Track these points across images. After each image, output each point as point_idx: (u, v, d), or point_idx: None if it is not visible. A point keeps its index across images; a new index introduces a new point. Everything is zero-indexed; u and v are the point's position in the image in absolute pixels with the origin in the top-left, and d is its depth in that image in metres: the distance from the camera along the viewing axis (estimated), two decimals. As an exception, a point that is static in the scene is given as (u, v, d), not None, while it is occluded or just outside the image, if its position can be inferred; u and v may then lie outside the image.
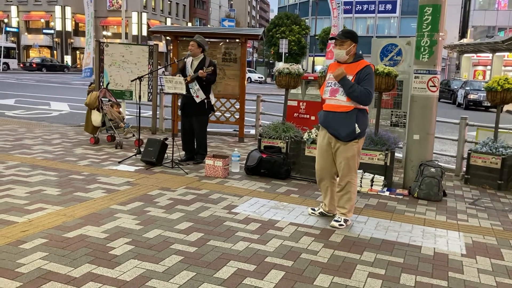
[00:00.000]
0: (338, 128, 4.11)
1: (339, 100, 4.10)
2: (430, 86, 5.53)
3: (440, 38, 5.49)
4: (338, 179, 4.29)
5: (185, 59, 6.49)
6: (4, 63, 39.40)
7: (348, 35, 4.15)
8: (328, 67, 4.58)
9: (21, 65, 43.43)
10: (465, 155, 6.47)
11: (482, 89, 7.10)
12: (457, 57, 44.67)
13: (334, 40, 4.22)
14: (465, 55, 39.18)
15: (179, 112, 6.93)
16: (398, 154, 7.25)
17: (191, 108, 6.43)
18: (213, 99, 6.67)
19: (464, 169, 6.46)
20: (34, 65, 41.56)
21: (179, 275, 3.05)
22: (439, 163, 5.69)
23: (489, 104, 19.57)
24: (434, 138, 5.83)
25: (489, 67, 35.44)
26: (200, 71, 6.17)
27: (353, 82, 4.04)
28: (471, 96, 21.74)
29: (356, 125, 4.05)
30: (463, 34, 45.41)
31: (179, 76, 6.22)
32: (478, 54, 37.00)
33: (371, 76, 4.07)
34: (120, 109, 8.04)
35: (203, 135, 6.60)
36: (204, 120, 6.58)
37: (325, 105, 4.28)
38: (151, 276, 3.02)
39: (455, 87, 25.36)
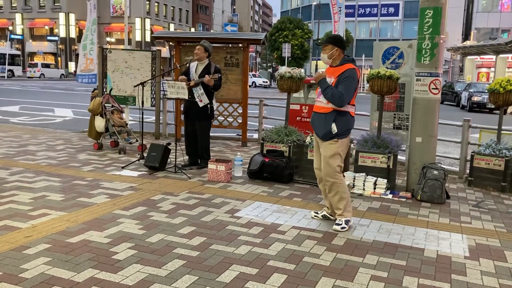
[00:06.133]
0: (318, 128, 4.33)
1: (321, 102, 4.28)
2: (432, 88, 5.53)
3: (441, 41, 5.49)
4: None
5: (188, 64, 6.52)
6: (9, 70, 39.76)
7: (329, 40, 4.33)
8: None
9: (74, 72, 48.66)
10: (469, 157, 6.46)
11: (486, 91, 7.08)
12: (460, 59, 44.56)
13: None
14: (469, 57, 39.03)
15: (182, 117, 6.95)
16: (401, 157, 7.24)
17: (194, 113, 6.44)
18: (215, 105, 6.70)
19: (468, 171, 6.44)
20: None
21: (182, 279, 3.06)
22: (442, 166, 5.68)
23: (493, 106, 19.52)
24: (437, 141, 5.82)
25: (492, 69, 35.26)
26: (207, 77, 6.16)
27: (333, 84, 4.19)
28: (475, 98, 21.66)
29: (334, 125, 4.18)
30: (466, 36, 45.31)
31: (182, 78, 6.25)
32: (482, 56, 36.84)
33: (349, 80, 4.15)
34: (123, 115, 8.09)
35: (206, 140, 6.61)
36: (207, 125, 6.59)
37: (314, 106, 4.46)
38: (153, 280, 3.03)
39: (459, 89, 25.27)
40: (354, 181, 5.64)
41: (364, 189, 5.57)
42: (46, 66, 44.06)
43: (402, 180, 6.32)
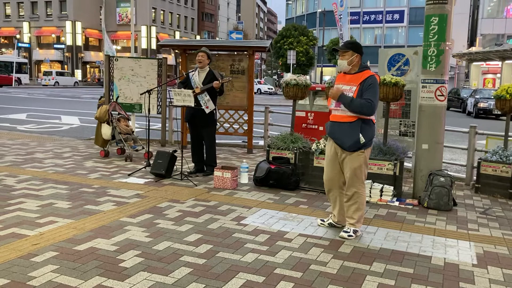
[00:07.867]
0: (342, 138, 4.15)
1: (340, 110, 4.16)
2: (438, 95, 5.53)
3: (447, 48, 5.49)
4: (345, 188, 4.30)
5: (193, 72, 6.55)
6: (16, 78, 40.13)
7: (349, 46, 4.21)
8: (336, 78, 4.62)
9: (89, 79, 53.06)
10: (475, 164, 6.43)
11: (492, 97, 7.06)
12: (466, 65, 44.44)
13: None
14: (474, 63, 38.94)
15: (187, 124, 6.97)
16: (408, 164, 7.22)
17: (199, 120, 6.47)
18: (217, 111, 6.74)
19: (475, 178, 6.41)
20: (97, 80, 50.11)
21: (189, 287, 3.06)
22: (449, 172, 5.66)
23: (499, 112, 19.43)
24: (443, 147, 5.80)
25: (498, 75, 35.17)
26: (216, 82, 6.22)
27: (356, 92, 4.07)
28: (481, 105, 21.59)
29: (361, 135, 4.07)
30: (471, 42, 45.26)
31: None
32: (488, 62, 36.75)
33: (374, 86, 4.07)
34: (129, 123, 8.12)
35: (213, 146, 6.63)
36: (212, 130, 6.62)
37: (331, 115, 4.33)
38: (160, 288, 3.03)
39: (465, 95, 25.18)
40: (360, 188, 5.61)
41: (370, 196, 5.55)
42: (61, 74, 45.30)
43: (408, 187, 6.30)
